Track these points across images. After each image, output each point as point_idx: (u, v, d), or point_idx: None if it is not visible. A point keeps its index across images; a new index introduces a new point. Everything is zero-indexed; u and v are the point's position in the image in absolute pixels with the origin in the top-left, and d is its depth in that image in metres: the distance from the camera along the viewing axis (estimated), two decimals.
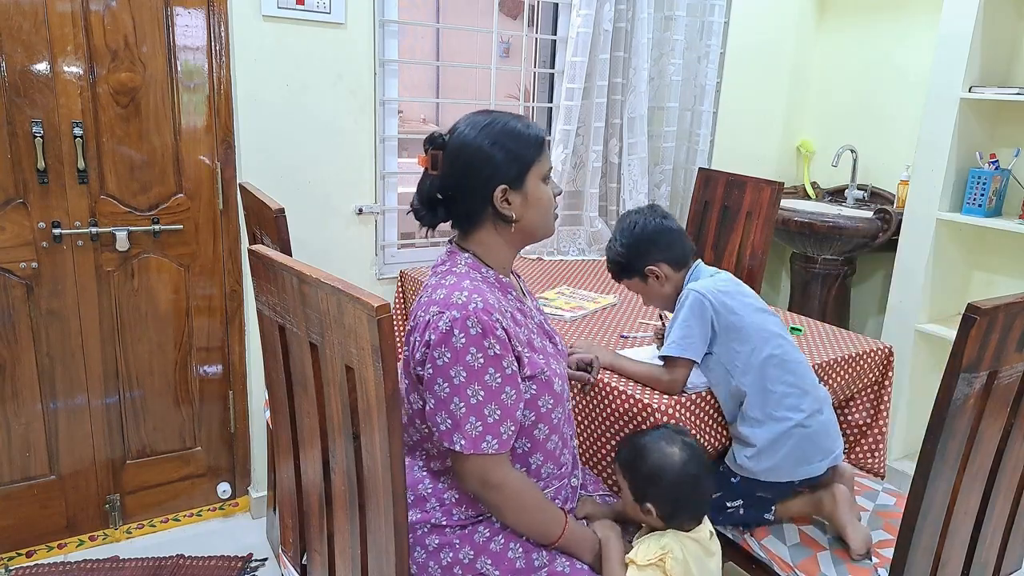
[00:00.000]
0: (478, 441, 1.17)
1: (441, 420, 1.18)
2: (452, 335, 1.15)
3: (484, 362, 1.16)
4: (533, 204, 1.29)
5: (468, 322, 1.16)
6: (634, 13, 2.66)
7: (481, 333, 1.16)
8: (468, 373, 1.16)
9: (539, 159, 1.28)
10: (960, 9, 2.47)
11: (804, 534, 1.57)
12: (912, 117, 2.95)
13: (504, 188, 1.25)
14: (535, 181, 1.28)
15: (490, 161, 1.24)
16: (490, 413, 1.17)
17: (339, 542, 1.17)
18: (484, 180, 1.25)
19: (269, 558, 2.23)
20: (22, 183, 1.97)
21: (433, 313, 1.18)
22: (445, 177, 1.27)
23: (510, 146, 1.25)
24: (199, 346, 2.30)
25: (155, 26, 2.04)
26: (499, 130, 1.26)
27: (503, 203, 1.26)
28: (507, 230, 1.29)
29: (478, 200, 1.26)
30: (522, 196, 1.27)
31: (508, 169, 1.25)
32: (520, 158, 1.26)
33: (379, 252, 2.52)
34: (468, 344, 1.15)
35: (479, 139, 1.25)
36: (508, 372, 1.19)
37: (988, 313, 1.06)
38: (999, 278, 2.74)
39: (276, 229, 1.68)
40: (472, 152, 1.25)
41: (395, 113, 2.49)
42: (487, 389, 1.17)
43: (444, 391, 1.17)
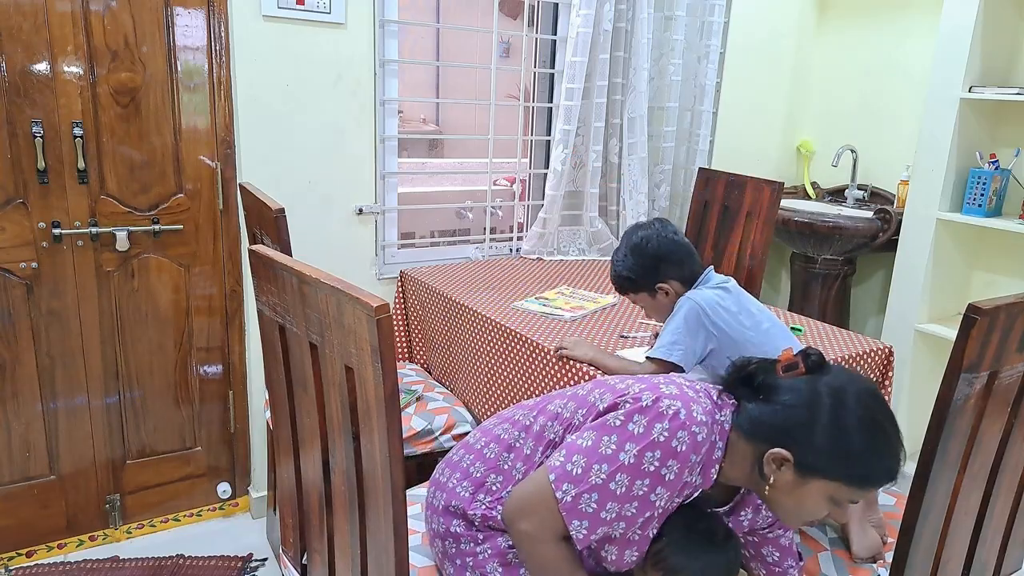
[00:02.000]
0: (577, 515, 1.08)
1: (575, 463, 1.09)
2: (661, 422, 1.06)
3: (652, 471, 1.06)
4: (796, 500, 1.08)
5: (679, 433, 1.06)
6: (634, 13, 2.66)
7: (675, 453, 1.06)
8: (633, 463, 1.06)
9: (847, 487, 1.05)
10: (960, 9, 2.47)
11: (804, 533, 1.57)
12: (912, 117, 2.95)
13: (784, 455, 1.05)
14: (821, 490, 1.06)
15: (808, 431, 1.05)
16: (609, 511, 1.08)
17: (339, 542, 1.17)
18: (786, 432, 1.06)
19: (269, 558, 2.23)
20: (22, 183, 1.97)
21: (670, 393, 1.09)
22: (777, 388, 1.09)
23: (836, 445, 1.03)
24: (199, 346, 2.30)
25: (155, 26, 2.04)
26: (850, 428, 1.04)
27: (772, 464, 1.07)
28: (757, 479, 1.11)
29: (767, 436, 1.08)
30: (796, 481, 1.06)
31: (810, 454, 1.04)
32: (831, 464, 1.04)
33: (379, 252, 2.52)
34: (658, 445, 1.06)
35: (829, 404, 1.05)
36: (651, 500, 1.08)
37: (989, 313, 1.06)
38: (999, 278, 2.74)
39: (276, 229, 1.68)
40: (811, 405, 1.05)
41: (395, 113, 2.49)
42: (628, 491, 1.07)
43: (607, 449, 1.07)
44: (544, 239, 2.79)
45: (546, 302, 2.19)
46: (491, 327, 2.02)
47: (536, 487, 1.13)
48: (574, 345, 1.76)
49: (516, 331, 1.93)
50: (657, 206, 2.99)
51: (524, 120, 2.80)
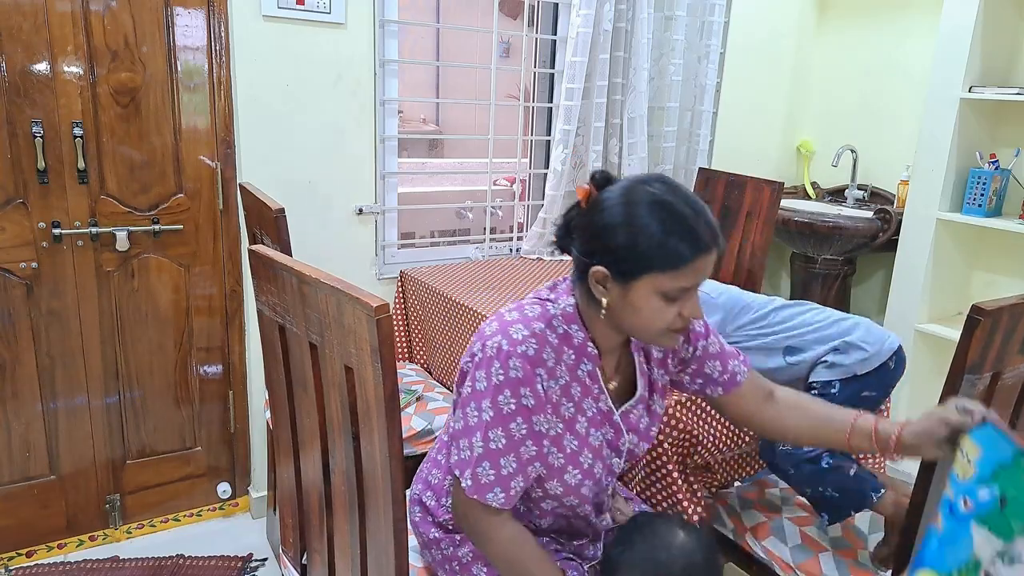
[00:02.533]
0: (485, 490, 1.10)
1: (458, 449, 1.12)
2: (493, 365, 1.08)
3: (515, 409, 1.09)
4: (630, 309, 1.08)
5: (511, 362, 1.08)
6: (634, 13, 2.66)
7: (519, 380, 1.08)
8: (495, 414, 1.08)
9: (668, 271, 1.03)
10: (960, 9, 2.47)
11: (805, 534, 1.57)
12: (912, 117, 2.95)
13: (603, 272, 1.07)
14: (647, 289, 1.05)
15: (609, 237, 1.06)
16: (506, 464, 1.10)
17: (339, 542, 1.17)
18: (593, 248, 1.08)
19: (269, 558, 2.23)
20: (22, 183, 1.97)
21: (491, 330, 1.11)
22: (579, 219, 1.12)
23: (644, 236, 1.03)
24: (199, 346, 2.30)
25: (155, 26, 2.04)
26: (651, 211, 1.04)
27: (598, 285, 1.09)
28: (597, 306, 1.12)
29: (582, 260, 1.11)
30: (622, 292, 1.07)
31: (622, 259, 1.05)
32: (642, 259, 1.04)
33: (379, 252, 2.52)
34: (504, 384, 1.08)
35: (619, 209, 1.05)
36: (536, 429, 1.11)
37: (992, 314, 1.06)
38: (999, 278, 2.74)
39: (276, 229, 1.68)
40: (603, 216, 1.07)
41: (395, 113, 2.49)
42: (509, 438, 1.09)
43: (471, 419, 1.10)
44: (544, 239, 2.79)
45: None
46: None
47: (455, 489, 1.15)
48: None
49: None
50: None
51: (524, 120, 2.80)
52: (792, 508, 1.65)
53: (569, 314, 1.15)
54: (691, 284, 1.06)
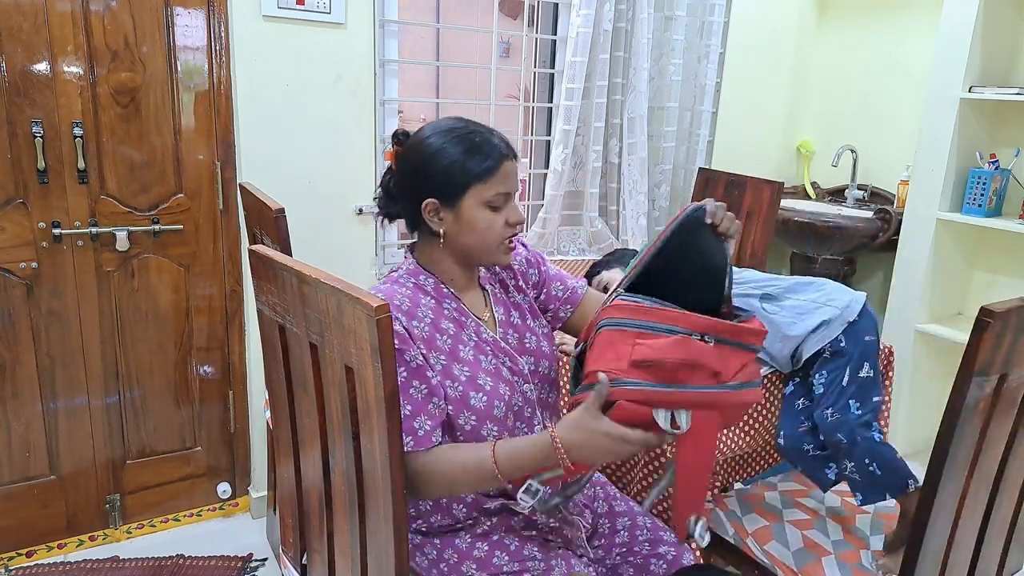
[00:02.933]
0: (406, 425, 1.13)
1: None
2: None
3: None
4: (467, 226, 1.21)
5: None
6: (634, 13, 2.66)
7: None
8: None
9: (484, 181, 1.19)
10: (960, 9, 2.47)
11: (807, 538, 1.56)
12: (912, 117, 2.95)
13: (433, 202, 1.20)
14: (473, 203, 1.19)
15: (427, 170, 1.19)
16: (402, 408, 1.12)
17: (339, 542, 1.17)
18: (417, 189, 1.21)
19: (269, 558, 2.23)
20: (22, 183, 1.97)
21: None
22: (395, 177, 1.26)
23: (453, 159, 1.18)
24: (199, 346, 2.30)
25: (155, 26, 2.04)
26: (450, 139, 1.19)
27: (432, 217, 1.21)
28: (438, 243, 1.24)
29: (412, 208, 1.23)
30: (454, 215, 1.20)
31: (441, 186, 1.19)
32: (460, 174, 1.18)
33: (379, 252, 2.52)
34: None
35: (423, 145, 1.20)
36: (413, 365, 1.15)
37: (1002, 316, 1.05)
38: (999, 278, 2.74)
39: (276, 229, 1.68)
40: (414, 157, 1.21)
41: (395, 113, 2.49)
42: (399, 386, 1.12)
43: None
44: (544, 239, 2.78)
45: None
46: None
47: None
48: None
49: None
50: (657, 206, 2.99)
51: (524, 120, 2.80)
52: (793, 511, 1.65)
53: (412, 269, 1.26)
54: (507, 189, 1.21)
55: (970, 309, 2.83)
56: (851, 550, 1.51)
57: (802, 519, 1.61)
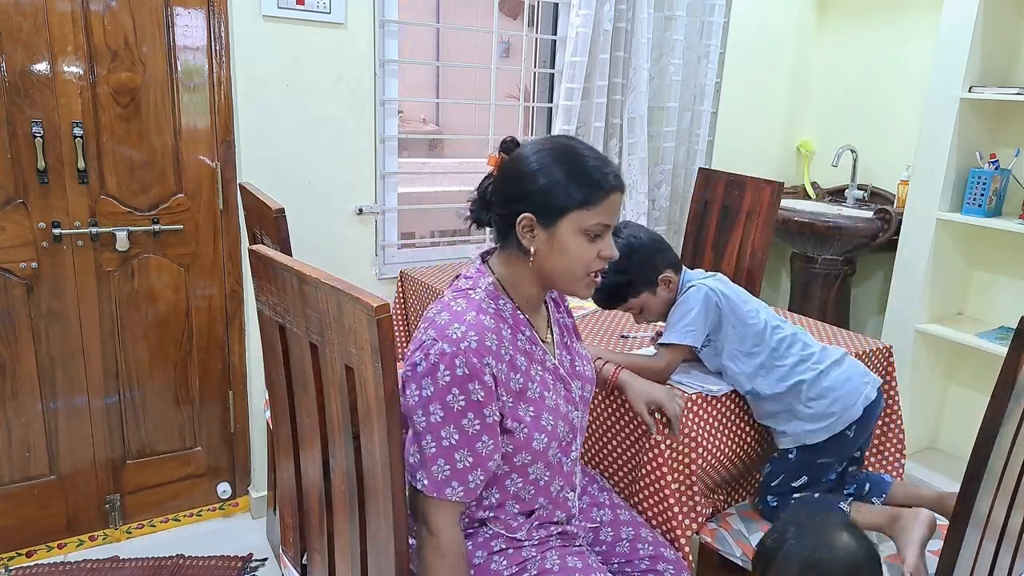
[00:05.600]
0: (442, 485, 1.12)
1: (412, 453, 1.14)
2: (438, 369, 1.10)
3: (465, 406, 1.10)
4: (558, 250, 1.17)
5: (456, 360, 1.09)
6: (634, 13, 2.66)
7: (467, 376, 1.10)
8: (446, 413, 1.10)
9: (588, 207, 1.15)
10: (960, 9, 2.47)
11: None
12: (912, 117, 2.95)
13: (530, 217, 1.16)
14: (570, 228, 1.16)
15: (532, 184, 1.16)
16: (461, 459, 1.11)
17: (339, 542, 1.17)
18: (516, 200, 1.17)
19: (269, 558, 2.23)
20: (22, 183, 1.97)
21: (429, 338, 1.13)
22: (495, 183, 1.22)
23: (558, 179, 1.15)
24: (199, 346, 2.30)
25: (155, 26, 2.04)
26: (562, 157, 1.16)
27: (525, 231, 1.17)
28: (526, 262, 1.20)
29: (507, 218, 1.19)
30: (548, 235, 1.17)
31: (544, 202, 1.15)
32: (562, 198, 1.15)
33: (379, 252, 2.52)
34: (452, 384, 1.09)
35: (534, 158, 1.17)
36: (488, 421, 1.13)
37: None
38: (999, 278, 2.74)
39: (276, 229, 1.68)
40: (521, 168, 1.18)
41: (395, 113, 2.49)
42: (463, 434, 1.11)
43: (420, 424, 1.11)
44: None
45: None
46: None
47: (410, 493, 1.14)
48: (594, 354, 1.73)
49: None
50: (657, 206, 2.99)
51: (524, 120, 2.80)
52: None
53: (492, 292, 1.21)
54: (607, 221, 1.18)
55: (970, 309, 2.83)
56: None
57: None
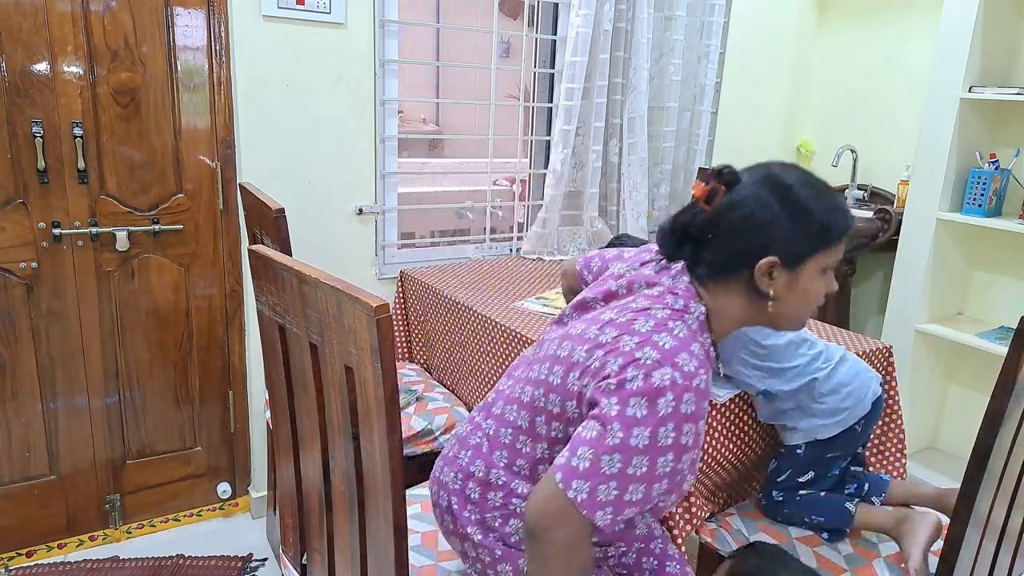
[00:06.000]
0: (597, 507, 0.99)
1: (581, 456, 1.00)
2: (662, 395, 0.99)
3: (670, 444, 0.99)
4: (799, 293, 1.11)
5: (685, 395, 0.99)
6: (634, 13, 2.66)
7: (689, 416, 1.00)
8: (650, 443, 0.98)
9: (830, 250, 1.10)
10: (960, 9, 2.47)
11: (819, 555, 1.52)
12: (912, 117, 2.95)
13: (773, 261, 1.07)
14: (813, 270, 1.10)
15: (775, 227, 1.07)
16: (632, 492, 1.00)
17: (339, 542, 1.17)
18: (758, 244, 1.08)
19: (269, 558, 2.23)
20: (22, 183, 1.97)
21: (650, 358, 1.02)
22: (716, 219, 1.10)
23: (805, 222, 1.08)
24: (199, 346, 2.30)
25: (155, 26, 2.04)
26: (803, 200, 1.08)
27: (764, 277, 1.09)
28: (755, 304, 1.12)
29: (740, 261, 1.09)
30: (790, 278, 1.10)
31: (791, 245, 1.08)
32: (811, 240, 1.08)
33: (379, 252, 2.52)
34: (670, 418, 0.99)
35: (774, 198, 1.08)
36: (679, 466, 1.02)
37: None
38: (999, 278, 2.74)
39: (276, 229, 1.68)
40: (760, 208, 1.08)
41: (395, 113, 2.49)
42: (650, 470, 0.99)
43: (614, 438, 0.99)
44: (544, 239, 2.78)
45: (546, 302, 2.19)
46: (491, 327, 2.02)
47: (549, 492, 1.02)
48: None
49: (516, 331, 1.92)
50: (657, 206, 2.99)
51: (524, 120, 2.80)
52: (800, 528, 1.60)
53: (702, 323, 1.11)
54: (840, 257, 1.13)
55: (970, 309, 2.83)
56: (865, 564, 1.48)
57: (809, 536, 1.57)
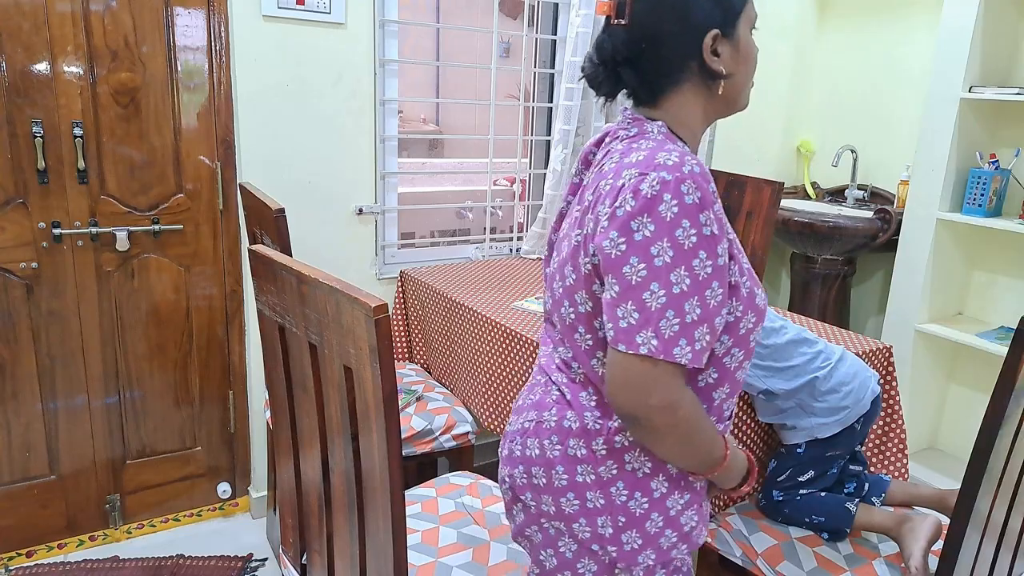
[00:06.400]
0: (671, 344, 0.89)
1: (624, 314, 0.90)
2: (660, 201, 0.89)
3: (697, 242, 0.89)
4: (744, 59, 1.03)
5: (683, 187, 0.89)
6: None
7: (699, 204, 0.90)
8: (676, 252, 0.89)
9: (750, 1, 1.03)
10: (960, 9, 2.47)
11: (819, 555, 1.51)
12: (912, 117, 2.95)
13: (716, 34, 0.99)
14: (746, 29, 1.03)
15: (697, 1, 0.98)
16: (690, 310, 0.89)
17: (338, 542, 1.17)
18: (692, 24, 0.98)
19: (269, 558, 2.23)
20: (22, 183, 1.97)
21: (630, 177, 0.92)
22: (638, 26, 0.99)
23: None
24: (199, 346, 2.31)
25: (155, 26, 2.04)
26: None
27: (711, 54, 0.99)
28: (709, 91, 1.03)
29: (683, 51, 1.00)
30: (732, 47, 1.01)
31: (718, 11, 0.99)
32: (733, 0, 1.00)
33: (379, 252, 2.52)
34: (681, 215, 0.89)
35: None
36: (719, 262, 0.91)
37: None
38: (999, 278, 2.74)
39: (276, 229, 1.68)
40: None
41: (395, 113, 2.49)
42: (693, 278, 0.89)
43: (639, 274, 0.89)
44: (544, 239, 2.79)
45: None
46: (491, 327, 2.02)
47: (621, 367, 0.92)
48: None
49: (516, 331, 1.93)
50: None
51: (524, 120, 2.80)
52: (800, 528, 1.60)
53: (667, 134, 1.02)
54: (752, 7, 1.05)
55: (970, 309, 2.83)
56: (865, 564, 1.48)
57: (809, 535, 1.57)
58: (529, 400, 1.14)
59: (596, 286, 0.98)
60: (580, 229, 1.00)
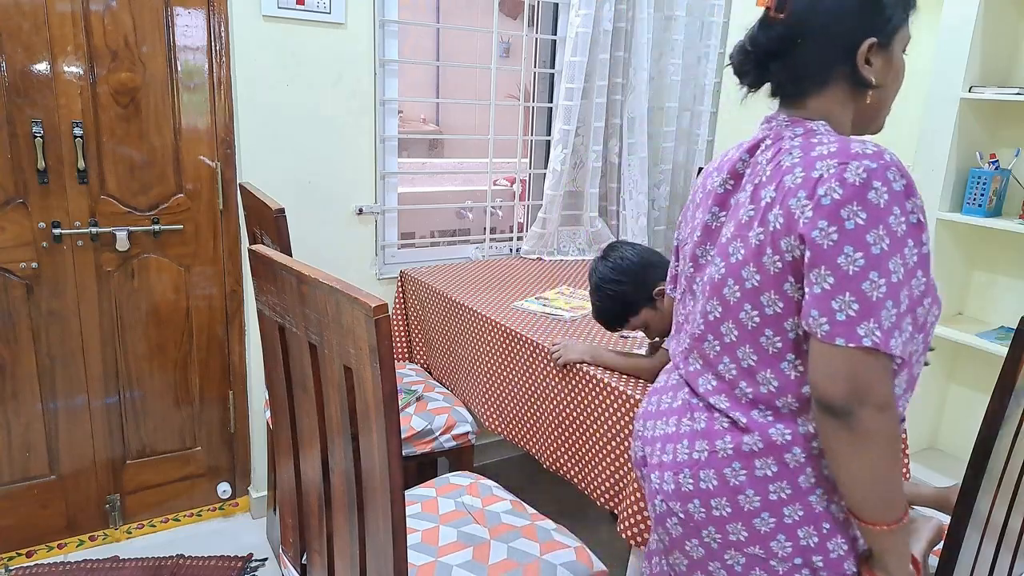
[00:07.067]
0: (888, 336, 0.87)
1: (842, 305, 0.87)
2: (869, 188, 0.88)
3: (906, 230, 0.88)
4: (894, 75, 1.03)
5: (889, 173, 0.89)
6: (634, 13, 2.66)
7: (904, 191, 0.89)
8: (892, 241, 0.87)
9: (908, 18, 1.02)
10: (960, 9, 2.47)
11: None
12: (912, 117, 2.95)
13: (872, 43, 0.98)
14: (899, 45, 1.02)
15: (864, 6, 0.98)
16: (903, 299, 0.88)
17: (338, 542, 1.17)
18: (850, 28, 0.98)
19: (269, 558, 2.24)
20: (22, 183, 1.97)
21: (828, 167, 0.91)
22: (796, 23, 1.00)
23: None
24: (199, 346, 2.31)
25: (155, 26, 2.04)
26: None
27: (864, 64, 0.99)
28: (855, 101, 1.03)
29: (836, 53, 0.99)
30: (885, 59, 1.00)
31: (879, 21, 0.98)
32: (895, 13, 0.99)
33: (379, 252, 2.52)
34: (892, 202, 0.88)
35: None
36: (924, 251, 0.90)
37: None
38: (999, 278, 2.74)
39: (276, 229, 1.68)
40: None
41: (395, 113, 2.49)
42: (906, 267, 0.88)
43: (856, 264, 0.87)
44: (544, 239, 2.79)
45: (546, 302, 2.19)
46: (491, 327, 2.02)
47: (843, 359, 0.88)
48: (566, 349, 1.74)
49: (516, 331, 1.93)
50: (657, 206, 2.99)
51: (524, 120, 2.80)
52: None
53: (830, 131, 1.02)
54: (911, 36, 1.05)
55: (970, 309, 2.83)
56: None
57: None
58: (687, 428, 1.08)
59: (788, 284, 0.95)
60: (762, 227, 0.97)
